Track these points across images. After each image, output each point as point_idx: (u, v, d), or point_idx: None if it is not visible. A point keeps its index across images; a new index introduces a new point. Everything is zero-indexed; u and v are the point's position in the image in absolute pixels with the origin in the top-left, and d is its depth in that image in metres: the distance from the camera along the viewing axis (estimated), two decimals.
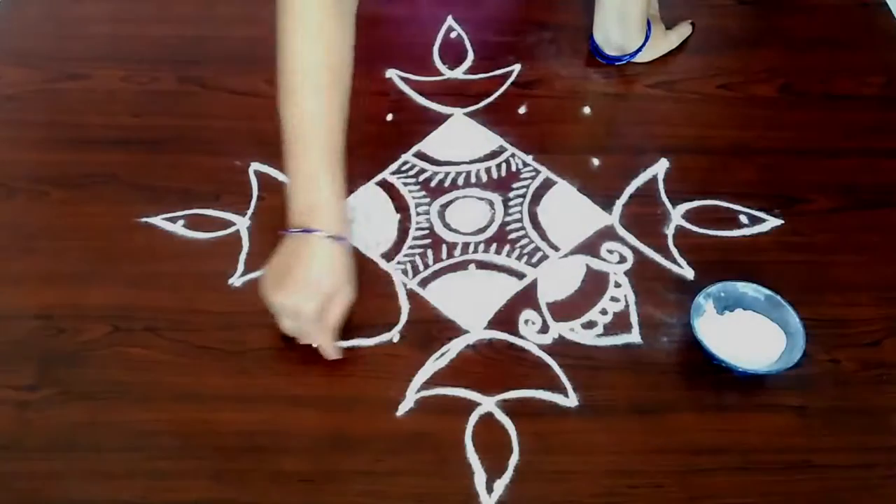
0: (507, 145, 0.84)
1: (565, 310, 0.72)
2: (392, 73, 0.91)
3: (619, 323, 0.72)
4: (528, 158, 0.83)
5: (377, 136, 0.85)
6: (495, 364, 0.69)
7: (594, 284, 0.74)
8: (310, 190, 0.68)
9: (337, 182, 0.68)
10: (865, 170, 0.83)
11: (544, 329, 0.71)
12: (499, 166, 0.83)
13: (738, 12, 1.00)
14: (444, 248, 0.77)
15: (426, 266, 0.75)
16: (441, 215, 0.79)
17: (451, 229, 0.78)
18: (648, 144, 0.85)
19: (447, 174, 0.82)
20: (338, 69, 0.69)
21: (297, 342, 0.69)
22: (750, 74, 0.91)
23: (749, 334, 0.69)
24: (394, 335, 0.71)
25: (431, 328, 0.71)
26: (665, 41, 0.92)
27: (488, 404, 0.67)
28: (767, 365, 0.67)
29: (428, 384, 0.68)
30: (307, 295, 0.65)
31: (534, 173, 0.82)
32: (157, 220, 0.78)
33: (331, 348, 0.68)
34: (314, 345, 0.69)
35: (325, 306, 0.66)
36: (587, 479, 0.63)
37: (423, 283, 0.74)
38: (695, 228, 0.78)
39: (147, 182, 0.81)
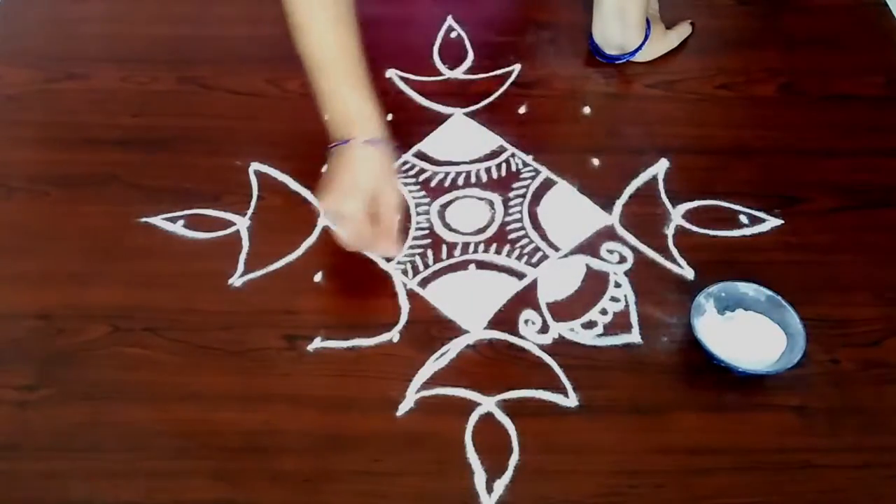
0: (507, 145, 0.84)
1: (565, 310, 0.72)
2: (392, 73, 0.91)
3: (619, 323, 0.72)
4: (528, 158, 0.83)
5: None
6: (495, 364, 0.69)
7: (594, 284, 0.74)
8: (338, 103, 0.73)
9: (363, 92, 0.73)
10: (865, 170, 0.83)
11: (544, 329, 0.71)
12: (499, 166, 0.83)
13: (738, 12, 1.00)
14: (444, 248, 0.77)
15: (426, 266, 0.75)
16: (441, 215, 0.79)
17: (451, 229, 0.78)
18: (648, 144, 0.85)
19: (447, 174, 0.82)
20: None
21: (300, 345, 0.70)
22: (750, 74, 0.91)
23: (749, 334, 0.69)
24: (394, 335, 0.71)
25: (431, 328, 0.71)
26: (665, 41, 0.92)
27: (488, 404, 0.67)
28: (767, 365, 0.67)
29: (428, 384, 0.68)
30: (348, 196, 0.70)
31: (534, 173, 0.82)
32: (157, 220, 0.78)
33: (392, 247, 0.73)
34: (375, 253, 0.74)
35: (373, 208, 0.70)
36: (587, 479, 0.63)
37: (423, 283, 0.74)
38: (695, 228, 0.78)
39: (147, 182, 0.81)
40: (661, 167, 0.82)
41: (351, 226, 0.70)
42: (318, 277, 0.74)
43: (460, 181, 0.82)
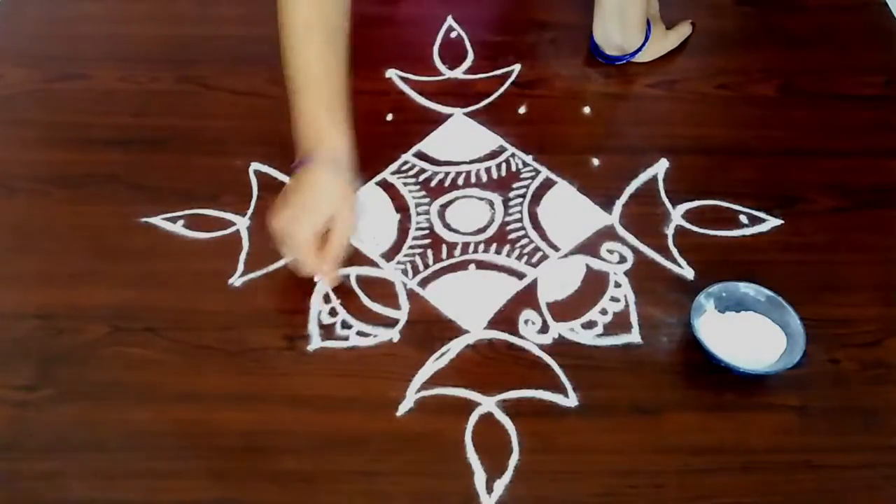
0: (507, 145, 0.84)
1: (565, 310, 0.72)
2: (392, 73, 0.91)
3: (619, 323, 0.72)
4: (528, 158, 0.83)
5: (377, 136, 0.85)
6: (495, 364, 0.69)
7: (594, 284, 0.74)
8: (309, 123, 0.72)
9: (338, 116, 0.72)
10: (865, 170, 0.83)
11: (544, 329, 0.71)
12: (499, 166, 0.83)
13: (738, 12, 1.00)
14: (444, 248, 0.77)
15: (426, 266, 0.75)
16: (441, 215, 0.79)
17: (451, 229, 0.78)
18: (648, 144, 0.85)
19: (447, 174, 0.82)
20: (338, 22, 0.74)
21: (300, 345, 0.70)
22: (749, 74, 0.91)
23: (749, 334, 0.69)
24: (394, 335, 0.71)
25: (431, 328, 0.71)
26: (665, 41, 0.92)
27: (488, 404, 0.67)
28: (767, 365, 0.67)
29: (428, 384, 0.68)
30: (301, 220, 0.68)
31: (534, 173, 0.82)
32: (157, 220, 0.78)
33: (330, 276, 0.71)
34: (315, 277, 0.71)
35: (323, 234, 0.69)
36: (587, 479, 0.63)
37: (423, 283, 0.74)
38: (695, 228, 0.78)
39: (147, 182, 0.81)
40: (661, 167, 0.82)
41: (296, 249, 0.69)
42: (318, 277, 0.74)
43: (460, 181, 0.82)
